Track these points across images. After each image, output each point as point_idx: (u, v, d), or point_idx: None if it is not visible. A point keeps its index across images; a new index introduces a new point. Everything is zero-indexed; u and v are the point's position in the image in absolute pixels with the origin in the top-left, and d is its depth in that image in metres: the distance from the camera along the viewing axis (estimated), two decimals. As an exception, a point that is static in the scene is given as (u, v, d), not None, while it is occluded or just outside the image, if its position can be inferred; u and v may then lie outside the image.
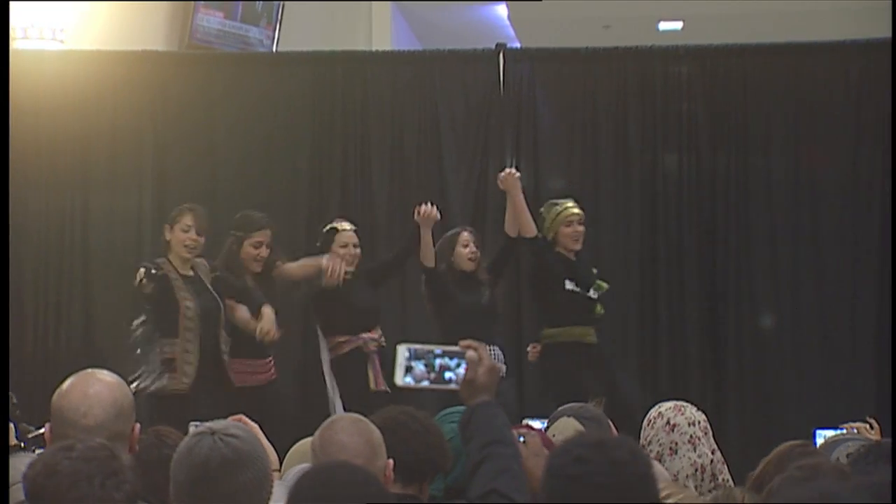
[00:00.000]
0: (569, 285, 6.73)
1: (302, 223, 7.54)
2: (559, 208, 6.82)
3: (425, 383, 2.78)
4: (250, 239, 6.48)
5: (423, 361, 2.76)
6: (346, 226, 6.79)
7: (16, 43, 7.53)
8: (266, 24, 9.94)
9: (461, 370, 2.78)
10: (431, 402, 4.81)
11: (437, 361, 2.77)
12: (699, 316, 7.33)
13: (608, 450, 2.30)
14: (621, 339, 7.33)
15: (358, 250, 6.74)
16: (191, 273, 6.32)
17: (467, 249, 6.77)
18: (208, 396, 6.03)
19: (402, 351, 2.78)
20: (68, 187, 7.51)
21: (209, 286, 6.31)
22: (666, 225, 7.40)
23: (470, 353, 2.77)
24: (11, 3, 7.48)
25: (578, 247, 6.81)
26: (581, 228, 6.79)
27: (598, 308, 6.82)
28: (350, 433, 3.07)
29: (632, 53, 7.56)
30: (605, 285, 6.82)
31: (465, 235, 6.80)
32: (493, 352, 6.60)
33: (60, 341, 7.22)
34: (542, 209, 6.83)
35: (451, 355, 2.77)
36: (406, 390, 2.96)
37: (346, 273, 6.55)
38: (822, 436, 4.86)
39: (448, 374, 2.77)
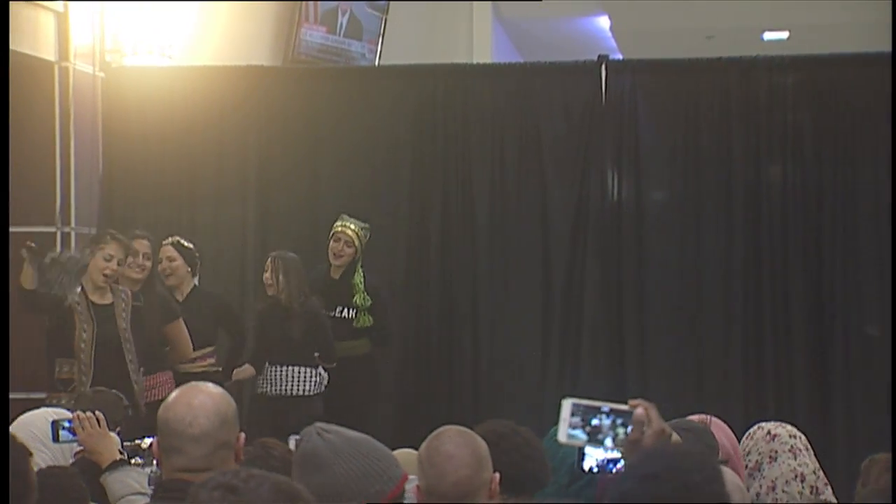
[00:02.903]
0: None
1: (402, 237, 7.58)
2: (339, 223, 7.09)
3: (585, 441, 2.59)
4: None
5: (588, 418, 2.57)
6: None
7: (125, 59, 7.69)
8: (368, 38, 10.04)
9: (628, 429, 2.58)
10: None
11: (604, 419, 2.58)
12: (805, 326, 7.20)
13: (657, 484, 2.23)
14: (723, 351, 7.24)
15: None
16: (105, 300, 6.25)
17: (265, 275, 6.83)
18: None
19: (567, 406, 2.58)
20: (176, 202, 7.66)
21: (120, 315, 6.25)
22: (770, 236, 7.30)
23: (638, 412, 2.57)
24: (120, 20, 7.65)
25: (338, 262, 7.07)
26: (340, 246, 7.03)
27: (362, 321, 7.06)
28: (457, 444, 3.07)
29: (735, 64, 7.46)
30: (363, 301, 7.03)
31: (267, 262, 6.86)
32: (304, 371, 6.81)
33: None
34: None
35: (619, 413, 2.58)
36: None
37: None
38: None
39: (615, 433, 2.58)
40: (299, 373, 6.81)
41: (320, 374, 6.88)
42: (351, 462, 2.80)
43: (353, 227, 7.10)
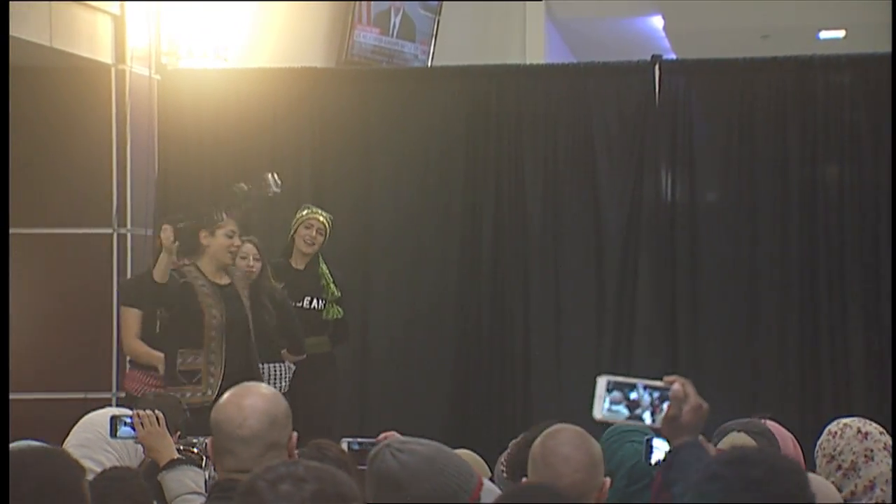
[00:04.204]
0: None
1: (455, 236, 7.58)
2: (307, 212, 6.95)
3: (624, 418, 2.63)
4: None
5: (627, 392, 2.59)
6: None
7: (180, 62, 7.75)
8: (421, 39, 10.06)
9: (664, 406, 2.60)
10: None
11: (640, 395, 2.60)
12: (862, 326, 7.13)
13: (746, 467, 2.24)
14: (779, 353, 7.19)
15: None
16: (224, 281, 6.12)
17: (244, 262, 6.51)
18: None
19: (602, 383, 2.63)
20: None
21: (243, 293, 6.15)
22: (827, 236, 7.23)
23: (675, 388, 2.59)
24: (176, 23, 7.71)
25: (310, 251, 6.91)
26: (316, 236, 6.89)
27: (331, 313, 6.94)
28: (574, 446, 3.04)
29: (791, 63, 7.40)
30: (334, 292, 6.92)
31: (247, 247, 6.53)
32: (275, 368, 6.62)
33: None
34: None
35: (655, 389, 2.60)
36: None
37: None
38: None
39: (650, 410, 2.61)
40: (273, 370, 6.63)
41: (289, 367, 6.72)
42: (429, 482, 2.72)
43: (323, 214, 6.97)
